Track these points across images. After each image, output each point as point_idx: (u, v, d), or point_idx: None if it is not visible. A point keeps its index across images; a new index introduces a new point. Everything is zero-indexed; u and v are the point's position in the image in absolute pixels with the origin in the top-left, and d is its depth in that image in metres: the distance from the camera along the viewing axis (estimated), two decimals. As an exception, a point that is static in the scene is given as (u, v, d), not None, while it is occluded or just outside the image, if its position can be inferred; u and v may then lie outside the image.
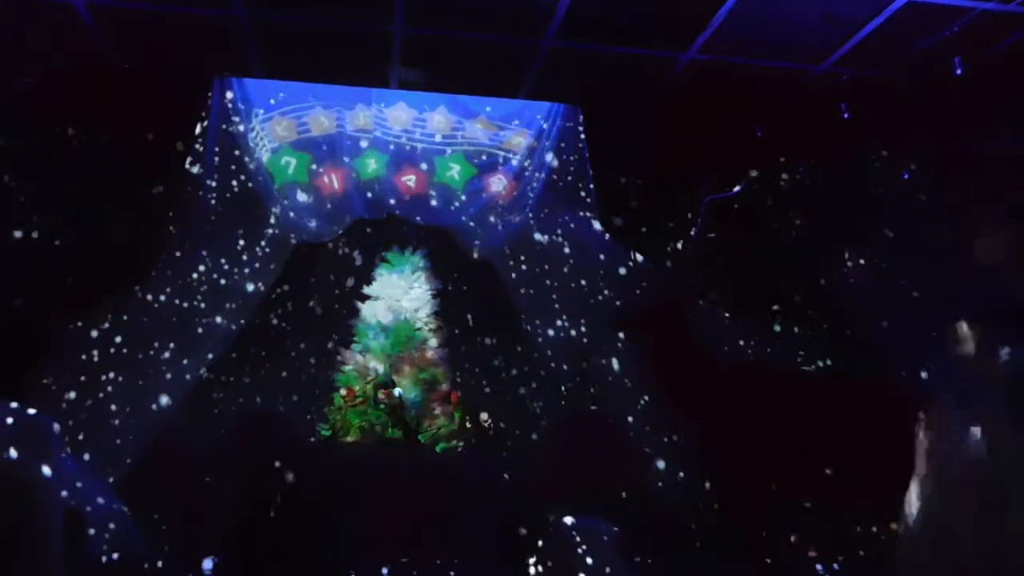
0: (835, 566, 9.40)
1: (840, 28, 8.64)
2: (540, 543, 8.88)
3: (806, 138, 10.47)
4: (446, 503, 9.49)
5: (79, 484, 8.04)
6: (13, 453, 3.30)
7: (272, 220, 10.38)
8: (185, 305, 9.80)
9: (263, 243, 10.29)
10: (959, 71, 8.87)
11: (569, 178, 10.68)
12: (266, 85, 10.39)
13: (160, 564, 8.21)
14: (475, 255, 10.93)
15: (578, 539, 8.78)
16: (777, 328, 10.71)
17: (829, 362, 10.39)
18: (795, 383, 10.26)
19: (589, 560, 8.77)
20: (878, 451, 9.41)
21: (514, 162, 10.80)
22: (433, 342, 11.02)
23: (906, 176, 10.20)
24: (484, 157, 10.79)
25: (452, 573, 8.96)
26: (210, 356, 9.96)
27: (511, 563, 8.74)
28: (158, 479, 9.01)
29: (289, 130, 10.48)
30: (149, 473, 9.05)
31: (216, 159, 10.23)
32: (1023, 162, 8.36)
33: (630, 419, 10.16)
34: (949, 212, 9.45)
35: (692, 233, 11.13)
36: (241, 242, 10.24)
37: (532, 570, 8.53)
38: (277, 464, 9.15)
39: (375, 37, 9.31)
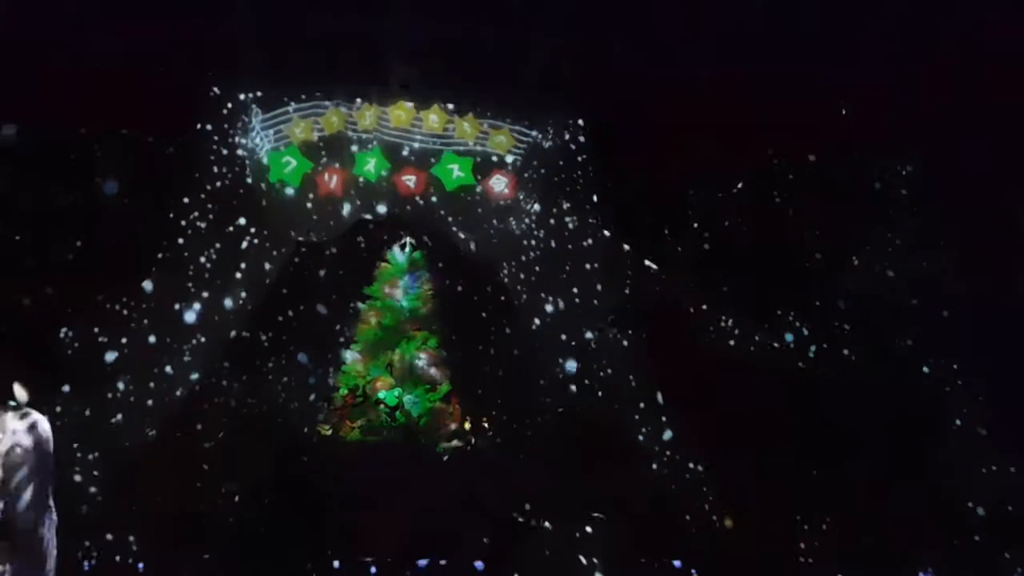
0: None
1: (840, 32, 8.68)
2: (539, 542, 8.89)
3: (807, 139, 10.46)
4: (446, 503, 9.49)
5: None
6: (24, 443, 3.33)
7: (272, 220, 10.40)
8: (184, 305, 9.83)
9: (263, 243, 10.32)
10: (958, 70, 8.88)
11: (569, 178, 10.68)
12: (266, 86, 10.42)
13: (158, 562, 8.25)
14: (475, 255, 10.93)
15: (576, 539, 8.80)
16: (777, 327, 10.69)
17: (829, 362, 10.36)
18: (796, 383, 10.23)
19: (587, 560, 8.79)
20: (880, 451, 9.44)
21: (514, 162, 10.80)
22: (433, 342, 11.02)
23: (905, 175, 10.23)
24: (485, 157, 10.79)
25: (451, 572, 8.97)
26: (210, 356, 9.98)
27: (510, 562, 8.75)
28: (158, 478, 9.02)
29: (289, 130, 10.50)
30: (148, 472, 9.05)
31: (216, 160, 10.28)
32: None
33: (630, 419, 10.15)
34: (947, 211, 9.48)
35: (694, 233, 11.10)
36: (241, 243, 10.27)
37: (530, 569, 8.55)
38: (277, 464, 9.16)
39: (375, 37, 9.36)
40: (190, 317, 9.88)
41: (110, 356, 9.39)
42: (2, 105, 9.53)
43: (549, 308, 10.70)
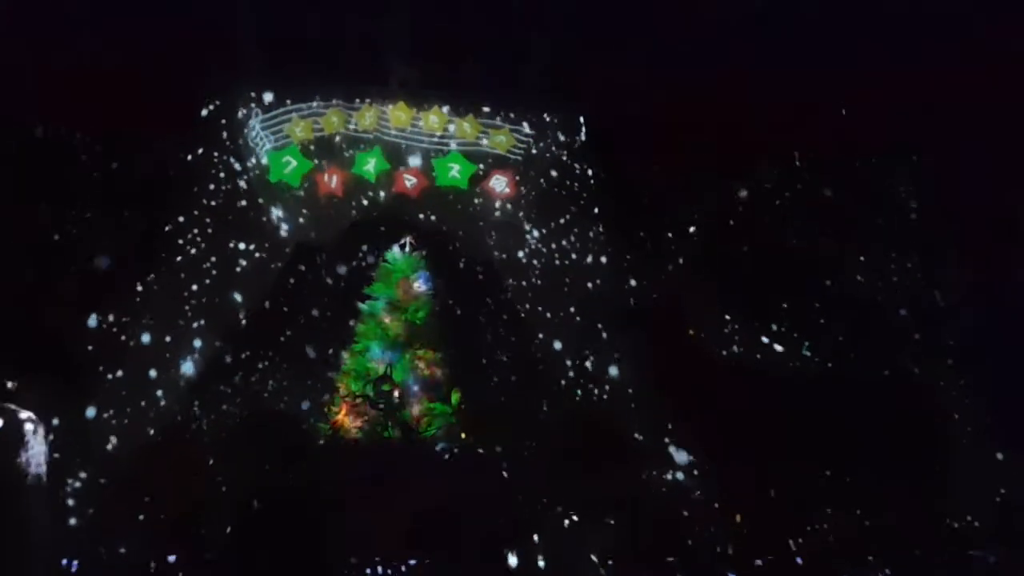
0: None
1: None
2: (539, 541, 8.89)
3: (807, 139, 10.46)
4: (446, 503, 9.47)
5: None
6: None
7: (272, 220, 10.42)
8: (185, 305, 9.86)
9: (263, 243, 10.34)
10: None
11: (569, 178, 10.69)
12: (266, 86, 10.45)
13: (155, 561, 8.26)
14: (475, 255, 10.93)
15: (576, 538, 8.80)
16: (778, 328, 10.67)
17: (830, 361, 10.35)
18: (796, 383, 10.23)
19: (586, 559, 8.79)
20: (880, 450, 9.44)
21: (514, 162, 10.81)
22: (433, 342, 11.00)
23: (905, 176, 10.23)
24: (484, 157, 10.81)
25: (451, 572, 8.96)
26: (211, 356, 10.00)
27: (509, 562, 8.75)
28: (158, 478, 9.03)
29: (290, 130, 10.52)
30: (149, 472, 9.07)
31: (216, 161, 10.31)
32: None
33: (629, 419, 10.15)
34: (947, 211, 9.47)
35: (694, 233, 11.09)
36: (241, 243, 10.29)
37: (530, 568, 8.54)
38: (277, 463, 9.16)
39: (375, 38, 9.37)
40: (190, 318, 9.90)
41: (110, 357, 9.41)
42: (2, 105, 9.56)
43: (550, 307, 10.69)
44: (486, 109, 10.65)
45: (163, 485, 9.05)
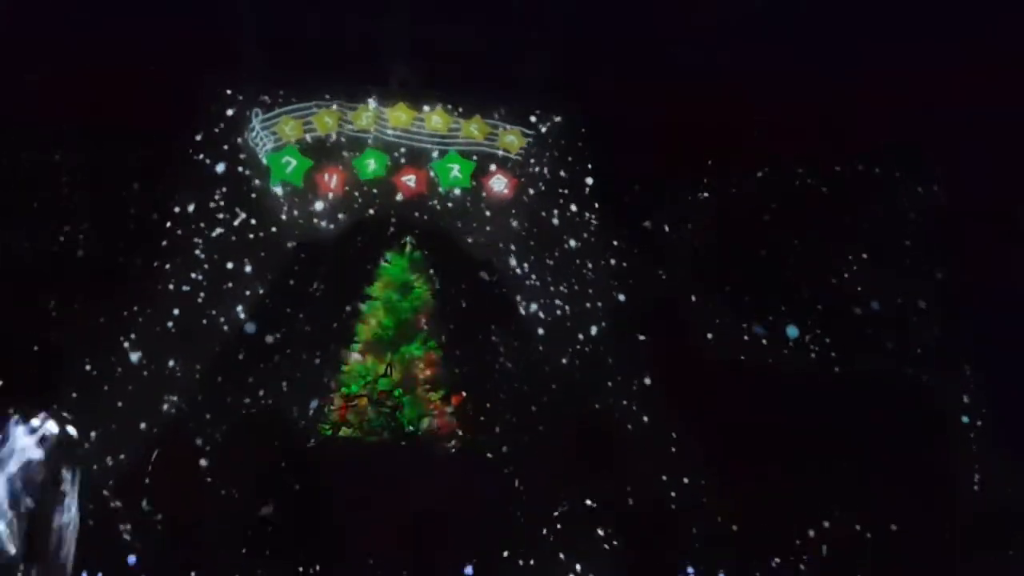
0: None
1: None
2: (539, 541, 8.93)
3: (806, 139, 10.47)
4: (446, 503, 9.50)
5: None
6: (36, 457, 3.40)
7: (272, 220, 10.43)
8: (186, 306, 9.86)
9: (264, 243, 10.34)
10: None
11: (569, 177, 10.71)
12: (266, 86, 10.47)
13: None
14: (475, 255, 10.94)
15: (576, 536, 8.84)
16: (777, 327, 10.69)
17: (829, 361, 10.37)
18: (795, 383, 10.24)
19: (586, 558, 8.83)
20: (879, 450, 9.46)
21: (514, 161, 10.83)
22: (433, 342, 11.02)
23: (905, 176, 10.25)
24: (484, 157, 10.82)
25: (451, 571, 8.99)
26: (211, 357, 10.00)
27: (509, 561, 8.79)
28: (160, 479, 9.05)
29: (289, 130, 10.53)
30: (151, 473, 9.08)
31: (216, 160, 10.32)
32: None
33: (629, 418, 10.16)
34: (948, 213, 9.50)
35: (692, 233, 11.10)
36: (242, 242, 10.30)
37: (530, 568, 8.59)
38: (278, 464, 9.18)
39: (375, 38, 9.38)
40: (190, 318, 9.91)
41: (109, 358, 9.42)
42: (2, 105, 9.56)
43: (550, 307, 10.71)
44: (488, 109, 10.68)
45: (164, 487, 9.08)
